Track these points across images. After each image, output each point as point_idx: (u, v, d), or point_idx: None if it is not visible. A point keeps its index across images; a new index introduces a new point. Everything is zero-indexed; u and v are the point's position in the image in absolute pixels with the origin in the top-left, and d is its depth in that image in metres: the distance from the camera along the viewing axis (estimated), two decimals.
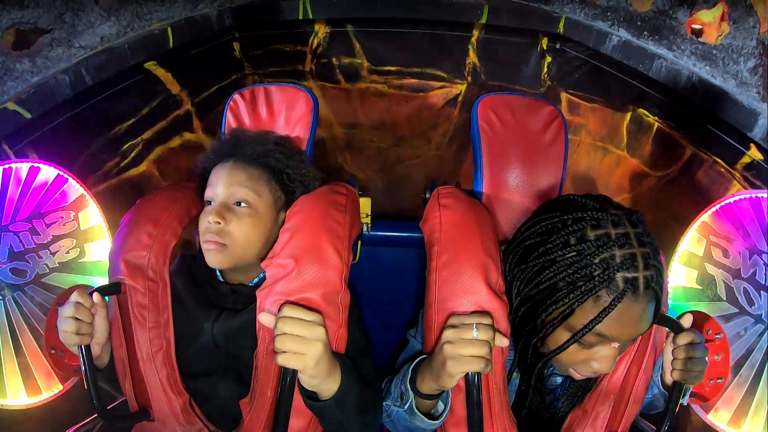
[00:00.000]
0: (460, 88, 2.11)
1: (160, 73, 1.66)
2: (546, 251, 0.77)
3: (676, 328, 0.88)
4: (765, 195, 1.21)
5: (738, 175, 1.42)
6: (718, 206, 1.26)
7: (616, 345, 0.77)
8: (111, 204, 1.38)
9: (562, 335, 0.77)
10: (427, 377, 0.82)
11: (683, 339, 0.86)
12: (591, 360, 0.79)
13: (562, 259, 0.75)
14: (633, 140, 1.83)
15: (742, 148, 1.37)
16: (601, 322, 0.71)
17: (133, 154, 1.66)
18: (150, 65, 1.60)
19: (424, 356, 0.86)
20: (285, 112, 1.21)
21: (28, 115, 1.22)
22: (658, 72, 1.50)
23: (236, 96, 1.24)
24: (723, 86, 1.35)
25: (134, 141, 1.65)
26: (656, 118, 1.69)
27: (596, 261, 0.71)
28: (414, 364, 0.87)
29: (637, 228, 0.72)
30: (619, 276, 0.70)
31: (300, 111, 1.20)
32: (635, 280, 0.70)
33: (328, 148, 2.27)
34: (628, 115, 1.81)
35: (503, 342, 0.79)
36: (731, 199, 1.25)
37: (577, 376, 0.84)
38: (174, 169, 1.82)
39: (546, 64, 1.95)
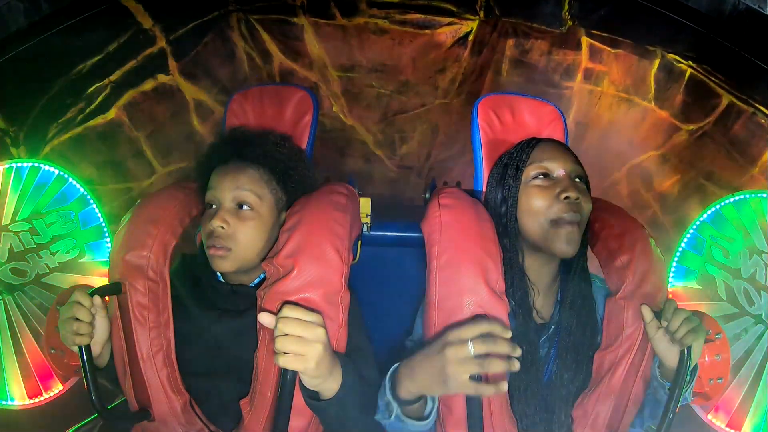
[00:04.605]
0: (471, 25, 1.92)
1: (130, 3, 1.48)
2: (501, 160, 1.03)
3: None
4: (765, 195, 1.21)
5: None
6: (718, 206, 1.26)
7: (561, 171, 0.94)
8: (75, 158, 1.30)
9: (525, 194, 0.95)
10: (407, 384, 0.81)
11: (668, 309, 0.86)
12: (556, 192, 0.93)
13: (508, 157, 1.01)
14: (662, 90, 1.71)
15: None
16: (532, 153, 0.98)
17: (99, 99, 1.51)
18: None
19: (398, 364, 0.85)
20: (285, 111, 1.20)
21: None
22: (699, 0, 1.34)
23: (236, 95, 1.24)
24: None
25: (101, 83, 1.50)
26: (689, 62, 1.58)
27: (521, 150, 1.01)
28: (390, 373, 0.86)
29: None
30: (533, 143, 1.01)
31: (300, 110, 1.20)
32: (540, 138, 1.03)
33: (321, 95, 2.05)
34: (657, 61, 1.68)
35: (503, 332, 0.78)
36: (731, 199, 1.25)
37: (562, 248, 0.91)
38: (147, 118, 1.66)
39: (567, 1, 1.79)
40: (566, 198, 0.92)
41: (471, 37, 1.96)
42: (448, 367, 0.75)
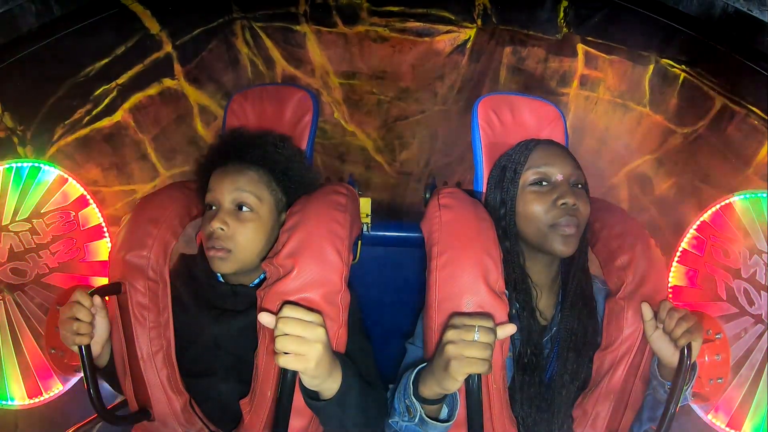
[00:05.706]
0: (469, 33, 1.95)
1: (138, 9, 1.52)
2: (500, 161, 1.04)
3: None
4: (765, 195, 1.21)
5: None
6: (718, 206, 1.26)
7: (559, 177, 0.94)
8: (81, 158, 1.29)
9: (522, 199, 0.96)
10: (429, 381, 0.82)
11: (663, 309, 0.87)
12: (553, 198, 0.93)
13: (506, 159, 1.02)
14: (656, 95, 1.74)
15: None
16: (530, 157, 0.98)
17: (106, 101, 1.54)
18: None
19: (423, 365, 0.86)
20: (285, 111, 1.20)
21: None
22: (689, 5, 1.37)
23: (236, 96, 1.24)
24: (762, 18, 1.22)
25: (108, 86, 1.53)
26: (683, 66, 1.60)
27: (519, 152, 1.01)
28: (413, 376, 0.86)
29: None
30: (532, 145, 1.01)
31: (300, 110, 1.20)
32: (538, 141, 1.03)
33: (323, 101, 2.09)
34: (651, 67, 1.71)
35: (508, 332, 0.80)
36: (731, 199, 1.25)
37: (560, 248, 0.91)
38: (152, 121, 1.70)
39: (563, 8, 1.81)
40: (563, 204, 0.92)
41: (469, 45, 1.98)
42: (449, 348, 0.75)
